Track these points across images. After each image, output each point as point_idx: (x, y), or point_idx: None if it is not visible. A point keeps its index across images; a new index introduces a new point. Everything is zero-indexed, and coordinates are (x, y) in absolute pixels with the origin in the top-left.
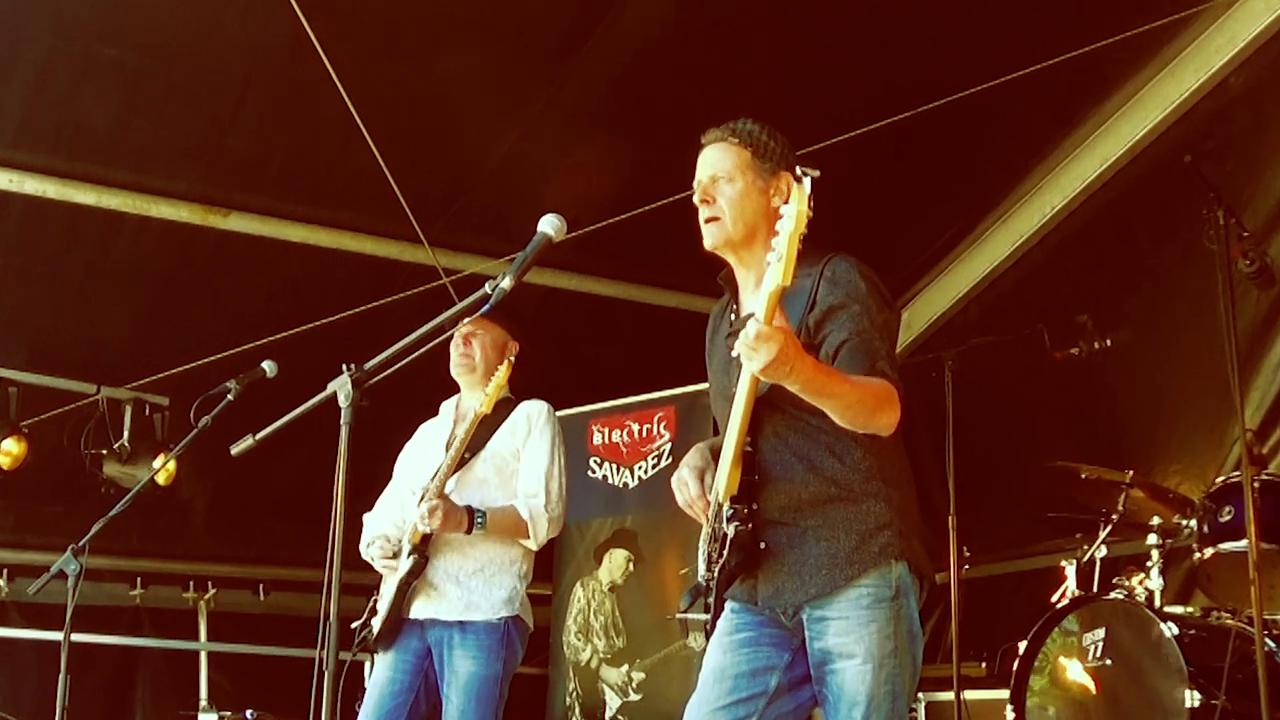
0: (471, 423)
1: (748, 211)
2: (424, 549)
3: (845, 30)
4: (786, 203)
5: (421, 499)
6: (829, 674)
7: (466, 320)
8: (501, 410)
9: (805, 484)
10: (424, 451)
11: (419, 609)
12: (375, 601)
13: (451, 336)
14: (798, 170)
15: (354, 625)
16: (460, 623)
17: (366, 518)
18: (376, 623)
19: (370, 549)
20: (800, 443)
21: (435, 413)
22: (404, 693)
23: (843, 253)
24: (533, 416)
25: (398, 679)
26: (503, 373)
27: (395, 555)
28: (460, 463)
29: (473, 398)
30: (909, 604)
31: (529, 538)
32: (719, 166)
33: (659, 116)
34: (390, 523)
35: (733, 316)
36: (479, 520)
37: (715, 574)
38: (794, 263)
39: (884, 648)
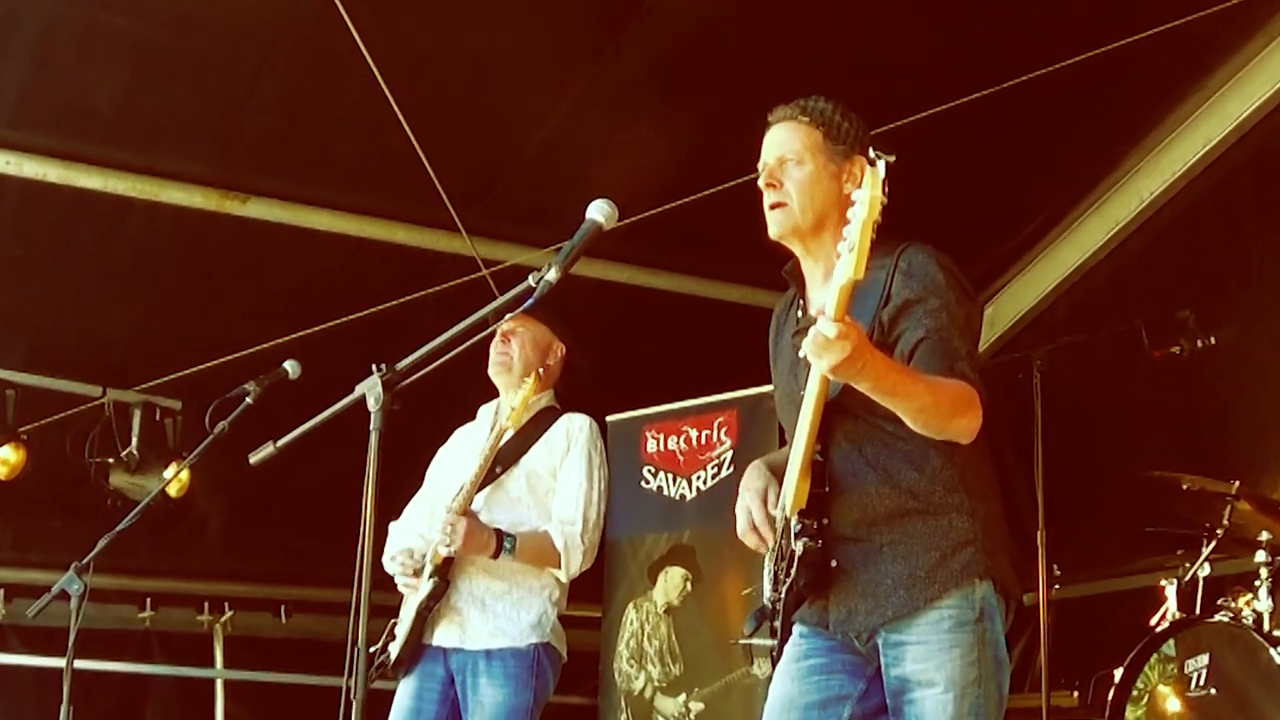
0: (495, 436)
1: (818, 197)
2: (446, 572)
3: (924, 1)
4: (859, 188)
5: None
6: (907, 704)
7: (508, 316)
8: (543, 421)
9: (881, 496)
10: (458, 459)
11: (441, 636)
12: (394, 625)
13: (492, 334)
14: (871, 153)
15: (371, 650)
16: (486, 651)
17: (392, 527)
18: (395, 648)
19: (392, 564)
20: (875, 451)
21: (474, 417)
22: None
23: (919, 242)
24: (573, 433)
25: (425, 710)
26: (529, 386)
27: (417, 573)
28: (491, 477)
29: (512, 401)
30: (994, 627)
31: (560, 568)
32: (787, 147)
33: (719, 92)
34: (417, 534)
35: (799, 313)
36: (507, 545)
37: (782, 595)
38: (867, 254)
39: (967, 675)
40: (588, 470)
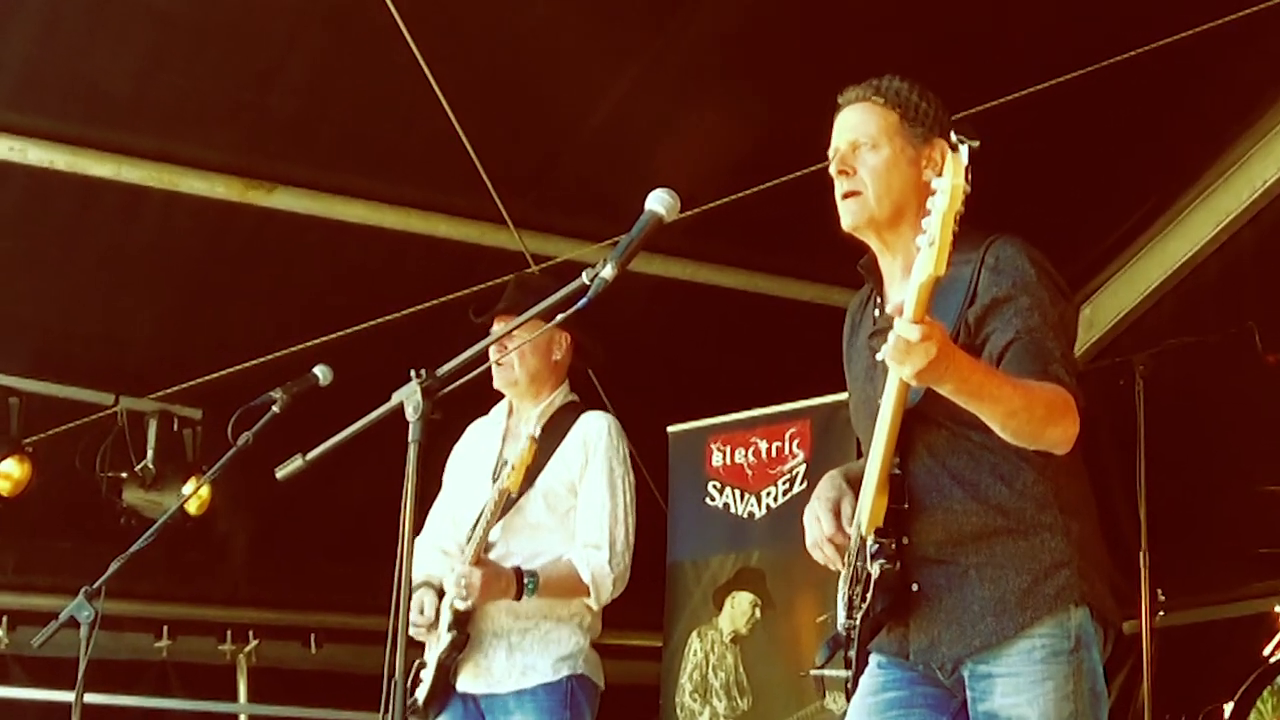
0: (518, 468)
1: (894, 185)
2: (465, 625)
3: None
4: (940, 175)
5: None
6: None
7: (500, 319)
8: (560, 425)
9: (966, 513)
10: (475, 461)
11: (466, 683)
12: (419, 666)
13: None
14: (954, 137)
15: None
16: (516, 691)
17: (418, 541)
18: (421, 691)
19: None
20: (960, 464)
21: None
22: None
23: (1008, 234)
24: (590, 440)
25: None
26: (524, 455)
27: (434, 624)
28: (507, 504)
29: (524, 411)
30: (1091, 657)
31: (589, 597)
32: (861, 131)
33: (790, 72)
34: (438, 559)
35: (876, 312)
36: (529, 586)
37: (858, 622)
38: (949, 247)
39: (1061, 710)
40: (610, 483)
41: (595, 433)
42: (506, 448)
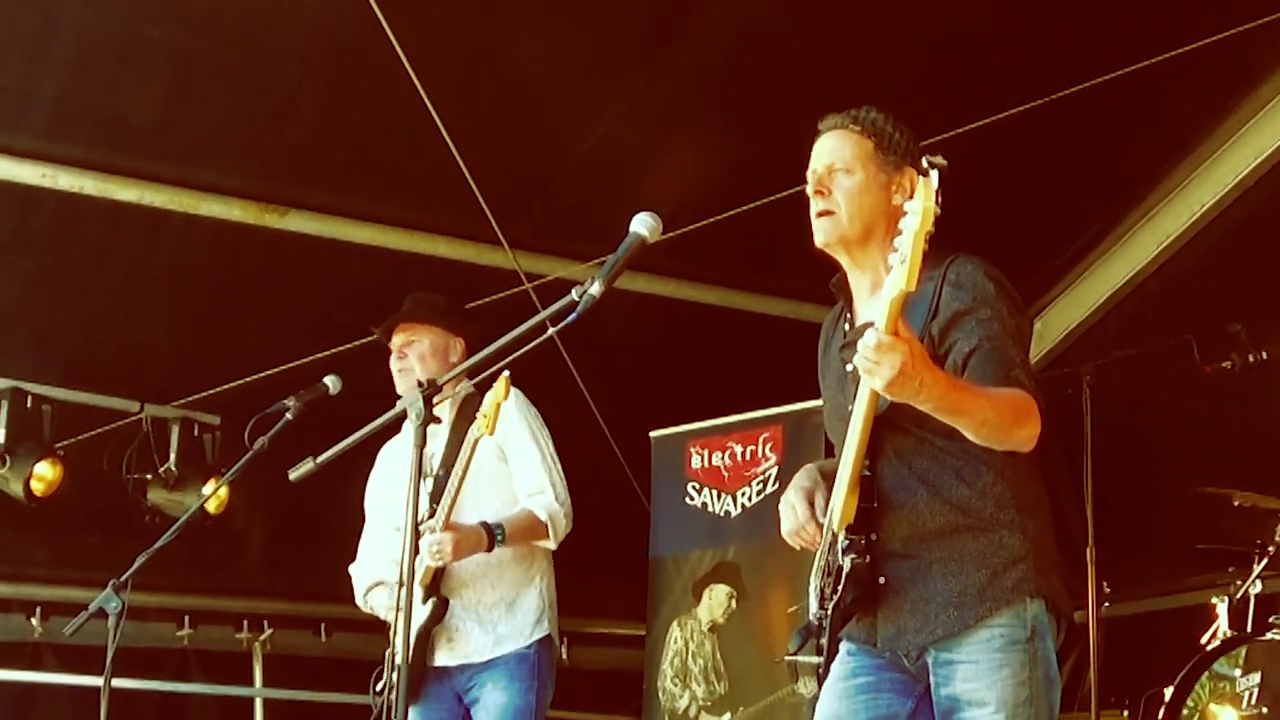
0: (471, 448)
1: (866, 207)
2: (437, 588)
3: (973, 9)
4: (909, 199)
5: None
6: None
7: (398, 330)
8: (469, 408)
9: (930, 512)
10: (395, 481)
11: (444, 657)
12: (392, 653)
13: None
14: (924, 162)
15: (379, 687)
16: (490, 659)
17: (353, 569)
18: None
19: (370, 598)
20: (925, 466)
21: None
22: None
23: (967, 254)
24: (505, 410)
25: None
26: (496, 393)
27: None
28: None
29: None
30: (1045, 646)
31: (549, 538)
32: (837, 156)
33: (767, 102)
34: (385, 565)
35: (847, 326)
36: (499, 536)
37: (829, 612)
38: (920, 265)
39: (1018, 695)
40: (532, 437)
41: (508, 403)
42: (432, 443)
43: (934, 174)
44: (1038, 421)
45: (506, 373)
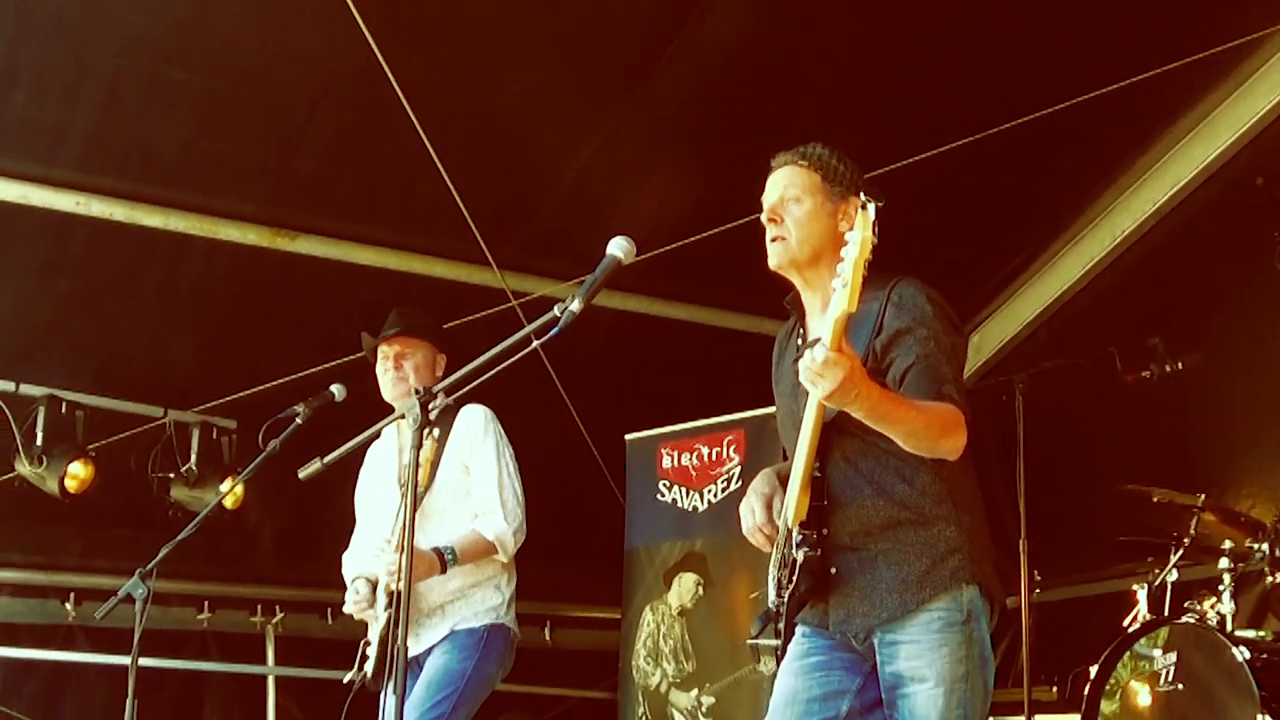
0: (424, 465)
1: (814, 233)
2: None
3: (914, 54)
4: (853, 229)
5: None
6: (900, 698)
7: (393, 341)
8: (444, 423)
9: (875, 508)
10: (379, 481)
11: (413, 646)
12: (365, 645)
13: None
14: (862, 198)
15: (347, 678)
16: (442, 638)
17: (345, 557)
18: (369, 666)
19: (349, 594)
20: (869, 467)
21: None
22: None
23: (910, 276)
24: (471, 428)
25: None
26: (427, 450)
27: (373, 603)
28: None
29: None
30: (980, 628)
31: (499, 554)
32: (788, 187)
33: (730, 139)
34: (366, 559)
35: (799, 340)
36: (450, 559)
37: (785, 599)
38: (859, 289)
39: (955, 672)
40: (494, 458)
41: (474, 420)
42: (404, 456)
43: (871, 208)
44: (963, 433)
45: (436, 433)
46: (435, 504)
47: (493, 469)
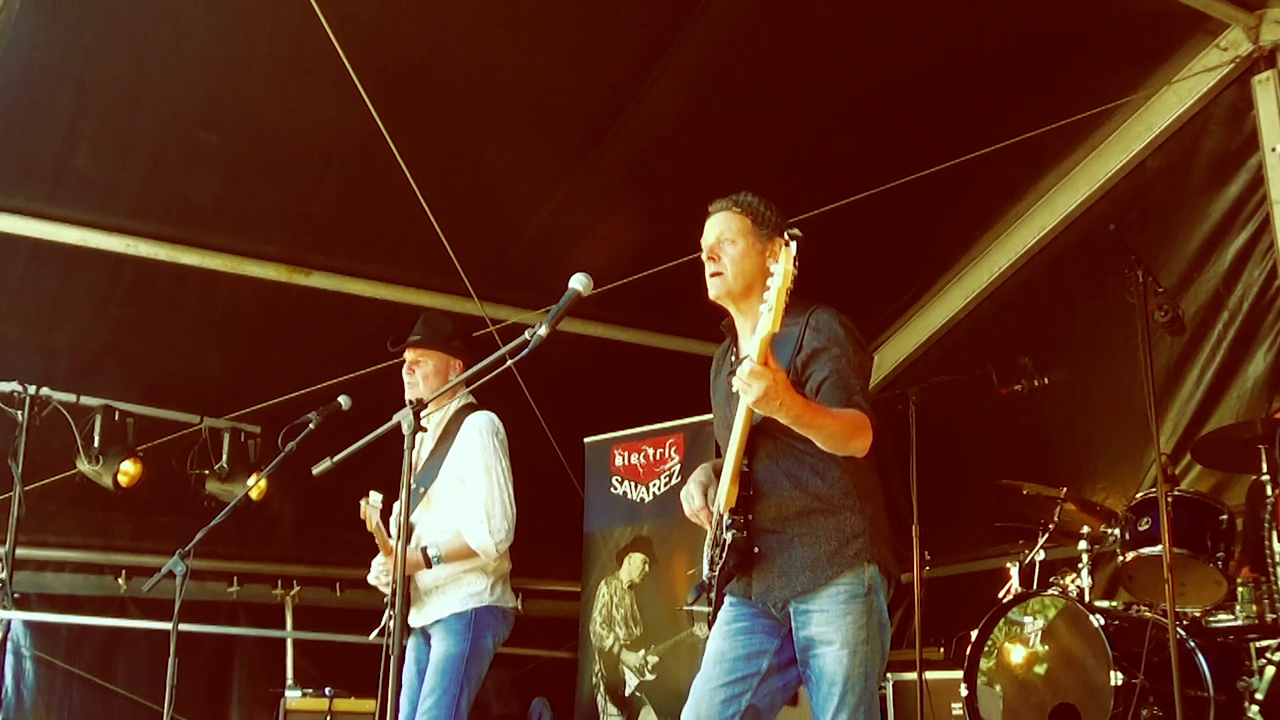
0: (406, 492)
1: (746, 269)
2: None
3: (824, 121)
4: (777, 263)
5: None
6: (812, 658)
7: (411, 350)
8: (453, 427)
9: (792, 498)
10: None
11: (415, 619)
12: (387, 599)
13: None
14: (786, 235)
15: (371, 636)
16: (439, 619)
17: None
18: (392, 615)
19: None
20: (788, 464)
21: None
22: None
23: (825, 304)
24: (471, 437)
25: (421, 659)
26: (446, 409)
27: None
28: (418, 495)
29: (430, 420)
30: (879, 599)
31: (481, 559)
32: (724, 231)
33: (671, 192)
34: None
35: (732, 358)
36: (434, 559)
37: (716, 574)
38: (782, 313)
39: (858, 636)
40: (486, 469)
41: (476, 430)
42: (420, 450)
43: (793, 244)
44: (869, 435)
45: (454, 376)
46: (436, 502)
47: (484, 481)
